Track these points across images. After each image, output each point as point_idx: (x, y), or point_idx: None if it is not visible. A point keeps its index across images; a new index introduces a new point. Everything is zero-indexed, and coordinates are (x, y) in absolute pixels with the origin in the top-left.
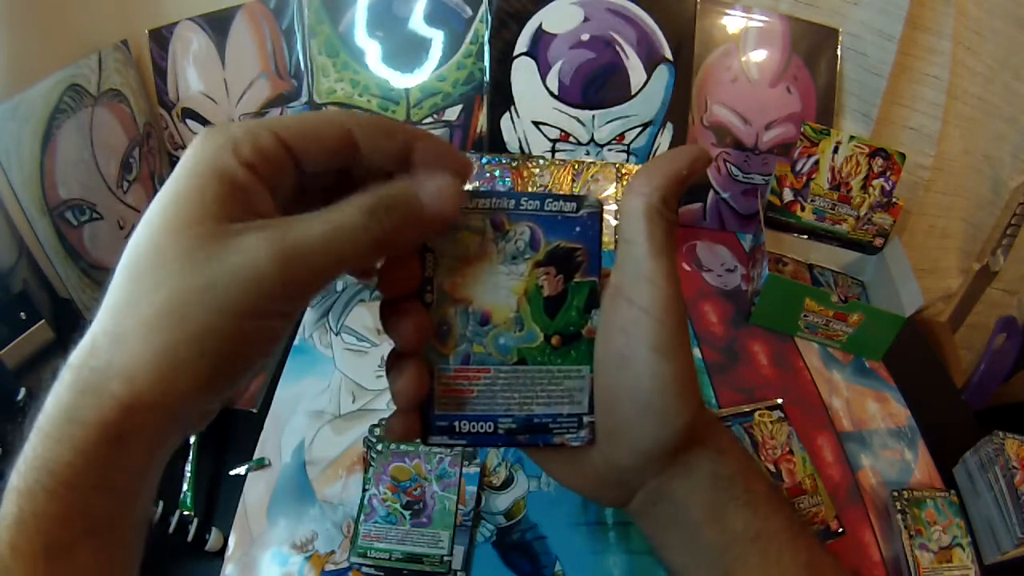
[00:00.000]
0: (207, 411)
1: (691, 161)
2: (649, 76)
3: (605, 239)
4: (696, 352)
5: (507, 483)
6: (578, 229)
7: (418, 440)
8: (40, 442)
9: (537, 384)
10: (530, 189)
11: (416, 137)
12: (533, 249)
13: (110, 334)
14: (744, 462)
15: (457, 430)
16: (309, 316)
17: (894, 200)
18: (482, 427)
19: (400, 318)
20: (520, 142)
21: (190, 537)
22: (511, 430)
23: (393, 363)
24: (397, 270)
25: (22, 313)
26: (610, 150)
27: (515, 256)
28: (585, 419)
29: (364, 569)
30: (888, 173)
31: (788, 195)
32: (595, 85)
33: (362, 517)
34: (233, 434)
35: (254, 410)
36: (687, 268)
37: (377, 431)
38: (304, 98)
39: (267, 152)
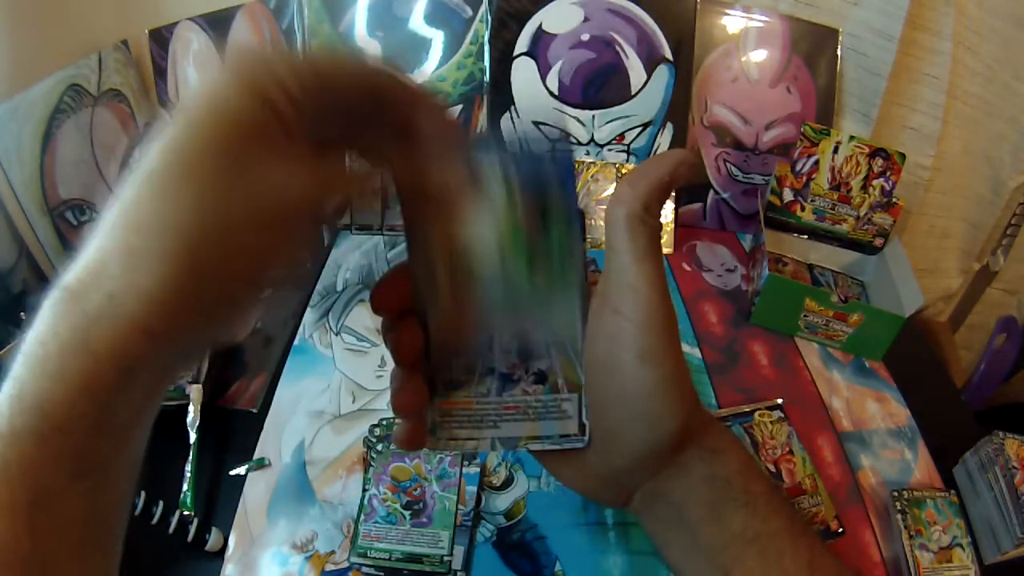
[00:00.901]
0: (205, 346)
1: (674, 167)
2: (649, 76)
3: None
4: (696, 352)
5: (507, 483)
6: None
7: (426, 447)
8: (32, 379)
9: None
10: None
11: (421, 100)
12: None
13: (131, 251)
14: (743, 463)
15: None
16: (309, 316)
17: (894, 200)
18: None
19: (395, 335)
20: (520, 142)
21: (190, 537)
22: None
23: (393, 376)
24: (389, 291)
25: (22, 313)
26: (610, 150)
27: None
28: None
29: (364, 569)
30: (888, 173)
31: (788, 195)
32: (595, 85)
33: (362, 517)
34: (233, 434)
35: (254, 410)
36: (687, 268)
37: (377, 431)
38: None
39: (303, 79)
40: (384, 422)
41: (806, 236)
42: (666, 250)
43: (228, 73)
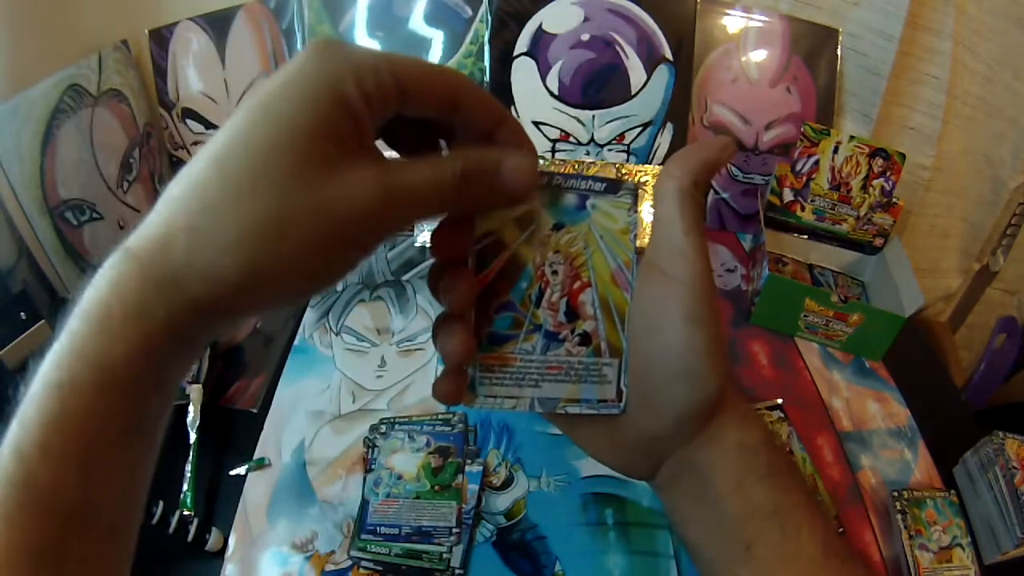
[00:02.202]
0: (248, 323)
1: (720, 150)
2: (649, 76)
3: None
4: None
5: (507, 483)
6: None
7: (462, 403)
8: (93, 335)
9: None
10: None
11: (505, 118)
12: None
13: (195, 232)
14: (767, 434)
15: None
16: (309, 316)
17: (894, 200)
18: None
19: (450, 281)
20: None
21: (190, 537)
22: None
23: (441, 325)
24: (448, 236)
25: (22, 313)
26: (610, 150)
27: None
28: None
29: (364, 564)
30: (888, 173)
31: (788, 195)
32: (595, 85)
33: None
34: (233, 434)
35: (254, 410)
36: None
37: (380, 429)
38: None
39: (386, 90)
40: (384, 421)
41: (806, 236)
42: None
43: (310, 64)
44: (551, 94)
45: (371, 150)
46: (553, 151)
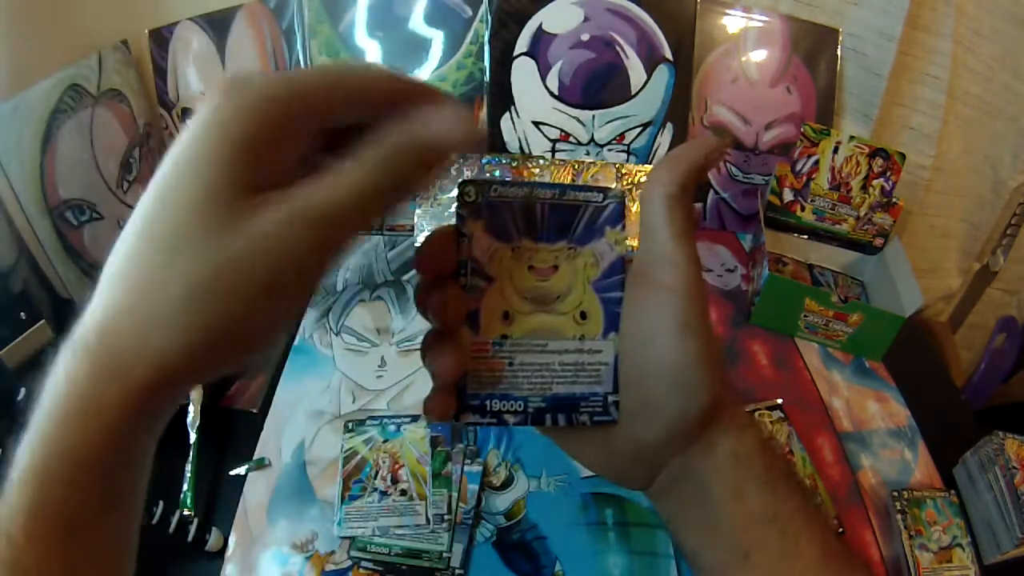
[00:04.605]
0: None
1: (707, 152)
2: (649, 76)
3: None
4: None
5: (507, 483)
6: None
7: (451, 420)
8: (56, 430)
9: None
10: None
11: (422, 93)
12: None
13: (134, 314)
14: (764, 441)
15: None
16: (309, 316)
17: (894, 200)
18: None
19: (439, 297)
20: (520, 142)
21: (190, 537)
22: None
23: (432, 342)
24: (435, 252)
25: (22, 313)
26: (610, 150)
27: None
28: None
29: (364, 564)
30: (888, 173)
31: (788, 195)
32: (595, 85)
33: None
34: (233, 434)
35: (254, 410)
36: None
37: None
38: None
39: (285, 119)
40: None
41: (806, 236)
42: None
43: (206, 111)
44: (551, 94)
45: (282, 184)
46: (553, 151)
